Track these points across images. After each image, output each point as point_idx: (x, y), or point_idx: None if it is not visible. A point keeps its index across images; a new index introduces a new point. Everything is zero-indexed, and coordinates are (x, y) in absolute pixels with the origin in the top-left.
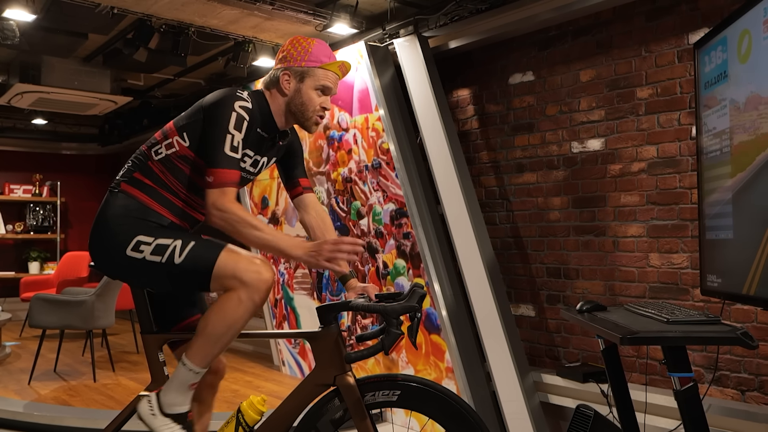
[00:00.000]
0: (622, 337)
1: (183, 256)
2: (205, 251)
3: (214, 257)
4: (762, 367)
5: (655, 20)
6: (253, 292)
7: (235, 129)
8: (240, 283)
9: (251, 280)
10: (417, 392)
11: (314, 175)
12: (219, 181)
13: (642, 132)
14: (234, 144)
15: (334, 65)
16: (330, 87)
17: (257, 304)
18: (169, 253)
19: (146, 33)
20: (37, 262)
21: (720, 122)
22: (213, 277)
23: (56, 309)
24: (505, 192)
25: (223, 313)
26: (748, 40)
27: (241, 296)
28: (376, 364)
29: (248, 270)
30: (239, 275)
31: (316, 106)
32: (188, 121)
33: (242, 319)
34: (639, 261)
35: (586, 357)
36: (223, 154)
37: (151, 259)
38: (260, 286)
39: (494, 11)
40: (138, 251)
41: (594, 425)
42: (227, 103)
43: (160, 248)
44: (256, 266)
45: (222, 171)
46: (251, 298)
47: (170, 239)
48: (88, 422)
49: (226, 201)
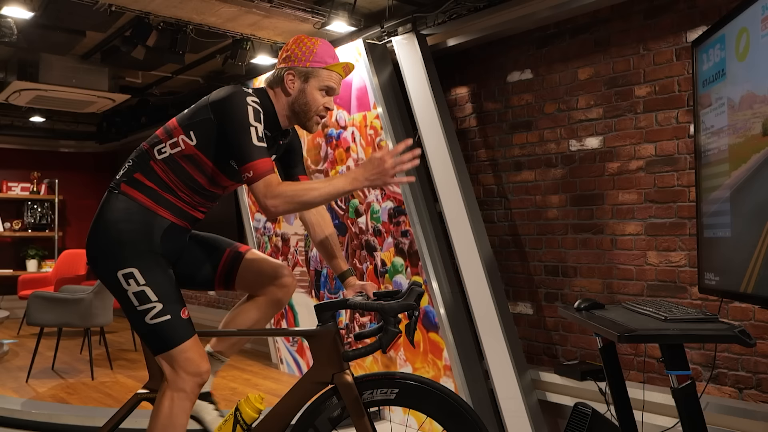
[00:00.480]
0: (620, 335)
1: (153, 321)
2: (171, 331)
3: (173, 343)
4: (760, 365)
5: (654, 18)
6: (177, 389)
7: (256, 121)
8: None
9: (183, 381)
10: (415, 390)
11: (312, 173)
12: (258, 173)
13: (640, 130)
14: (259, 135)
15: (339, 66)
16: (334, 87)
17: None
18: (146, 308)
19: (144, 30)
20: (35, 259)
21: (718, 120)
22: (161, 355)
23: (54, 307)
24: (504, 190)
25: (160, 415)
26: (746, 38)
27: (173, 394)
28: (374, 362)
29: (188, 371)
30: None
31: (320, 107)
32: (195, 119)
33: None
34: (637, 259)
35: (584, 355)
36: (253, 147)
37: (131, 297)
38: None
39: (492, 9)
40: (126, 281)
41: (592, 423)
42: (240, 98)
43: (143, 297)
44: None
45: (257, 163)
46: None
47: (156, 298)
48: (86, 420)
49: (274, 188)
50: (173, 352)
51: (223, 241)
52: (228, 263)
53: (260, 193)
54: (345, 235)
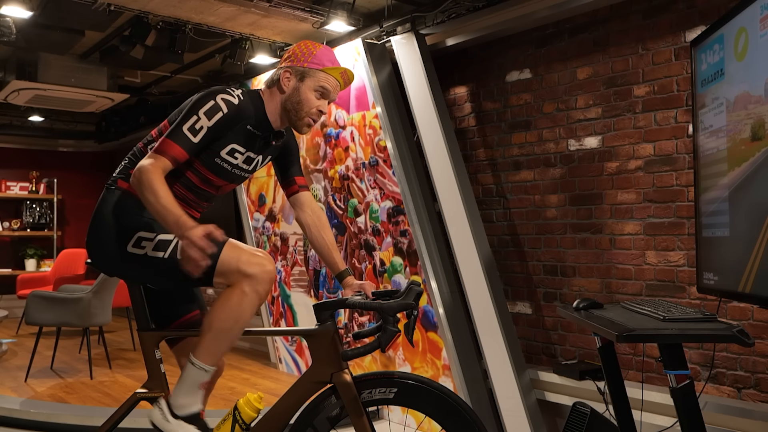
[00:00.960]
0: (619, 334)
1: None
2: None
3: (216, 252)
4: (758, 364)
5: (652, 18)
6: (256, 284)
7: (205, 114)
8: (243, 276)
9: (254, 272)
10: (414, 390)
11: (311, 173)
12: (160, 148)
13: (639, 130)
14: (196, 126)
15: (336, 70)
16: (329, 90)
17: (261, 297)
18: (172, 248)
19: (143, 30)
20: (33, 259)
21: (716, 120)
22: (216, 272)
23: (53, 306)
24: (502, 189)
25: (229, 307)
26: (745, 38)
27: (245, 289)
28: (373, 362)
29: (251, 263)
30: (242, 268)
31: (312, 108)
32: (177, 116)
33: (248, 312)
34: (636, 259)
35: (583, 354)
36: (179, 129)
37: (153, 254)
38: (263, 278)
39: (491, 9)
40: (140, 247)
41: (590, 423)
42: (210, 94)
43: (163, 244)
44: (258, 258)
45: (168, 141)
46: (255, 290)
47: (172, 234)
48: (85, 419)
49: (150, 165)
50: (223, 259)
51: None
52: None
53: (142, 161)
54: (344, 235)
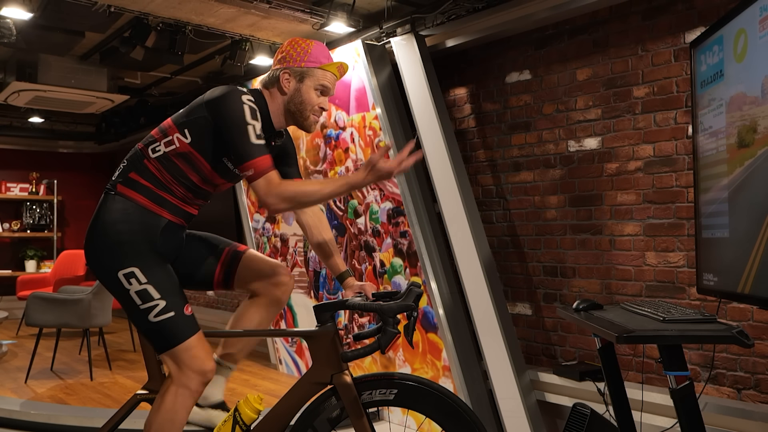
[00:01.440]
0: (619, 335)
1: (156, 319)
2: (176, 328)
3: (178, 340)
4: (758, 365)
5: (652, 19)
6: (181, 386)
7: (253, 119)
8: (178, 373)
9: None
10: (414, 391)
11: (311, 174)
12: (259, 170)
13: (638, 131)
14: (257, 132)
15: (333, 66)
16: (329, 87)
17: (193, 392)
18: (149, 306)
19: (143, 31)
20: (33, 260)
21: (716, 121)
22: (167, 352)
23: (53, 307)
24: (502, 191)
25: (162, 409)
26: (744, 39)
27: (177, 389)
28: (373, 363)
29: (192, 368)
30: (183, 368)
31: (315, 106)
32: (190, 118)
33: (181, 409)
34: (635, 259)
35: (583, 355)
36: (251, 145)
37: (133, 296)
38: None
39: (491, 10)
40: (127, 281)
41: (590, 424)
42: (236, 98)
43: (145, 295)
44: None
45: (257, 161)
46: (185, 387)
47: (159, 295)
48: (85, 421)
49: (275, 186)
50: (177, 350)
51: (221, 240)
52: (226, 263)
53: (262, 191)
54: (344, 236)
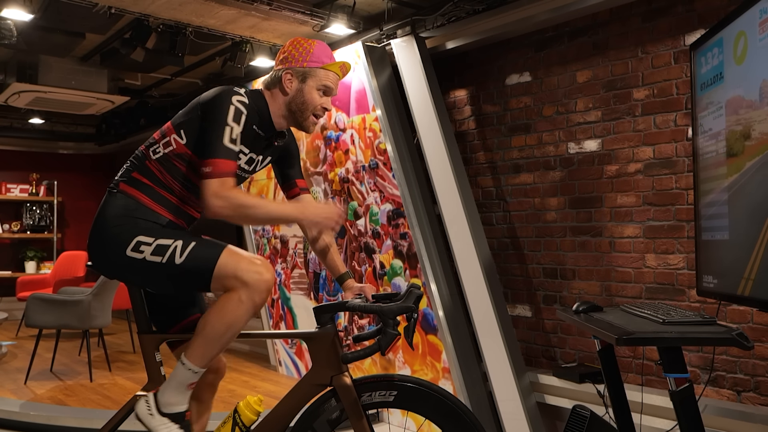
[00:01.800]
0: (618, 337)
1: (184, 257)
2: (205, 251)
3: (215, 257)
4: (758, 367)
5: (652, 21)
6: (253, 293)
7: (234, 121)
8: (241, 283)
9: (252, 280)
10: (413, 393)
11: (311, 176)
12: (218, 171)
13: (638, 133)
14: (233, 136)
15: (335, 65)
16: (331, 87)
17: (257, 305)
18: (170, 253)
19: (143, 33)
20: (33, 261)
21: (716, 123)
22: (214, 278)
23: (53, 308)
24: (502, 192)
25: (223, 312)
26: (744, 42)
27: (241, 296)
28: (373, 365)
29: (249, 270)
30: (240, 275)
31: (317, 106)
32: (185, 118)
33: (242, 319)
34: (635, 262)
35: (583, 357)
36: (221, 145)
37: (152, 259)
38: (261, 287)
39: (491, 12)
40: (138, 251)
41: (590, 426)
42: (225, 97)
43: (161, 248)
44: (256, 267)
45: (220, 161)
46: (251, 299)
47: (171, 239)
48: (85, 422)
49: (226, 189)
50: (221, 265)
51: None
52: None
53: (211, 190)
54: (344, 238)
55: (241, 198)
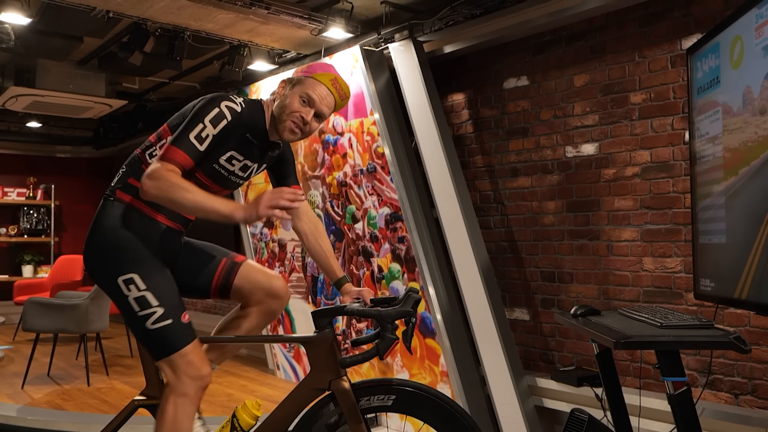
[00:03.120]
0: (616, 341)
1: (155, 326)
2: (173, 335)
3: (175, 348)
4: (755, 370)
5: (649, 26)
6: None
7: (210, 122)
8: (176, 379)
9: (185, 384)
10: (412, 397)
11: (309, 179)
12: (166, 155)
13: (635, 137)
14: (202, 135)
15: (325, 76)
16: (314, 99)
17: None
18: (147, 313)
19: (141, 37)
20: (30, 265)
21: (713, 127)
22: (162, 359)
23: (50, 313)
24: (500, 196)
25: (165, 421)
26: (740, 46)
27: (176, 399)
28: (372, 368)
29: (188, 374)
30: (180, 375)
31: (294, 112)
32: (180, 120)
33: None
34: (633, 265)
35: (581, 361)
36: (185, 137)
37: (131, 302)
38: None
39: (489, 16)
40: (126, 287)
41: (588, 429)
42: (214, 100)
43: (144, 302)
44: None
45: (174, 149)
46: (183, 395)
47: (157, 302)
48: (82, 426)
49: (159, 171)
50: (175, 357)
51: (219, 250)
52: (224, 273)
53: (150, 169)
54: (342, 241)
55: (170, 181)
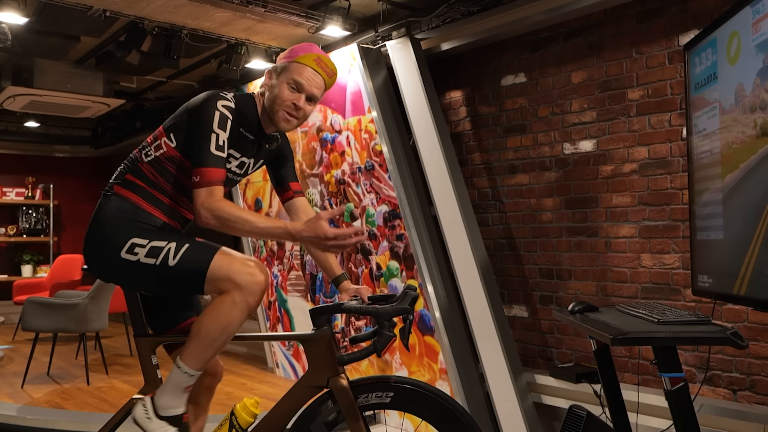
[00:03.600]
0: (613, 337)
1: (177, 259)
2: (199, 254)
3: (208, 260)
4: (753, 366)
5: (646, 22)
6: (247, 295)
7: (219, 128)
8: (234, 285)
9: (245, 282)
10: (410, 394)
11: (307, 177)
12: (206, 179)
13: (633, 133)
14: (219, 143)
15: (309, 57)
16: (301, 83)
17: (251, 307)
18: (164, 255)
19: (139, 35)
20: (29, 265)
21: (710, 123)
22: (207, 280)
23: (49, 312)
24: (498, 193)
25: (217, 315)
26: (737, 42)
27: (235, 299)
28: (370, 366)
29: (242, 272)
30: (233, 278)
31: (285, 101)
32: (174, 122)
33: (236, 321)
34: (631, 261)
35: (579, 357)
36: (209, 153)
37: (146, 261)
38: (254, 289)
39: (486, 13)
40: (132, 254)
41: (587, 425)
42: (210, 103)
43: (155, 250)
44: (250, 268)
45: (208, 170)
46: (245, 301)
47: (164, 241)
48: (82, 425)
49: (214, 200)
50: (215, 268)
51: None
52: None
53: (200, 200)
54: None
55: (225, 210)
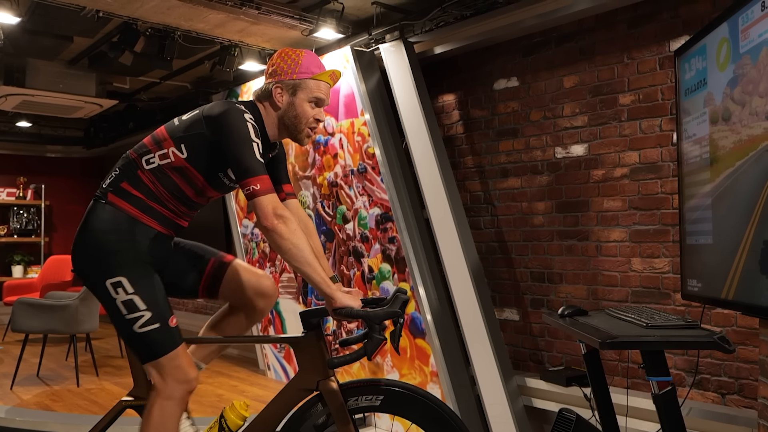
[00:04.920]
0: (602, 341)
1: (142, 330)
2: (162, 339)
3: (165, 350)
4: (742, 370)
5: (637, 27)
6: (164, 399)
7: (255, 137)
8: (161, 384)
9: (172, 389)
10: (400, 397)
11: (300, 180)
12: (265, 187)
13: (624, 138)
14: (259, 150)
15: (325, 75)
16: (323, 98)
17: (178, 401)
18: (135, 316)
19: (132, 36)
20: (20, 265)
21: (699, 129)
22: (151, 362)
23: (39, 313)
24: (490, 197)
25: (151, 425)
26: (727, 48)
27: (158, 402)
28: (362, 368)
29: (178, 379)
30: (167, 379)
31: (310, 119)
32: (188, 133)
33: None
34: (621, 265)
35: (570, 361)
36: (257, 162)
37: (119, 305)
38: (176, 394)
39: (479, 17)
40: (114, 290)
41: (576, 429)
42: (239, 116)
43: (131, 306)
44: (187, 376)
45: (263, 177)
46: (170, 398)
47: (144, 306)
48: (71, 427)
49: (282, 208)
50: (162, 361)
51: (207, 250)
52: (212, 273)
53: (270, 207)
54: (332, 242)
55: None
